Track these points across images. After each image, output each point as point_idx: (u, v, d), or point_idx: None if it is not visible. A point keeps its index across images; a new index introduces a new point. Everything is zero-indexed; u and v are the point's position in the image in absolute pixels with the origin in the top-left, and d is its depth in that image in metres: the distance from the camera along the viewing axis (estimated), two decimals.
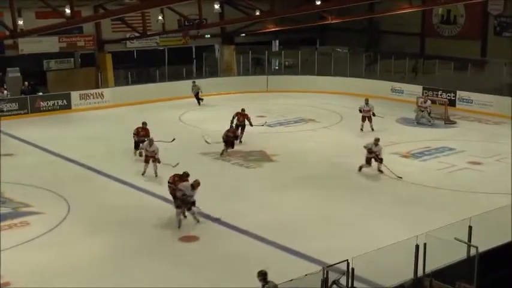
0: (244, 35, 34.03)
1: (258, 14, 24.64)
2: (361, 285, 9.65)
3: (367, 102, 22.91)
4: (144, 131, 19.00)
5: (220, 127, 20.77)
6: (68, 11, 18.88)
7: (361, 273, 9.18)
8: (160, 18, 28.66)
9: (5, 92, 26.94)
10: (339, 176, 17.62)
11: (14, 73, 28.87)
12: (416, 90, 27.81)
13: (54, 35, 28.04)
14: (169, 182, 14.45)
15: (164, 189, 15.12)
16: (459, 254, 9.87)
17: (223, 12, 29.08)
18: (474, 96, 26.87)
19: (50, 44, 28.91)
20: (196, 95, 28.61)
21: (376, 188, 16.61)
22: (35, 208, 14.92)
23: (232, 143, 19.76)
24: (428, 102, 24.80)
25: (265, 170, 18.45)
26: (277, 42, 37.39)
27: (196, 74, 33.26)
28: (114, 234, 13.31)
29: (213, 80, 32.18)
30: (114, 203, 15.34)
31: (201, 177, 17.16)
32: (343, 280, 8.91)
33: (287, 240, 12.83)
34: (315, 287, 8.67)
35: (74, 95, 27.85)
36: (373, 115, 22.75)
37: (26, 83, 27.85)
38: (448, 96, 27.09)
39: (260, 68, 34.25)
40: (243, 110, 21.44)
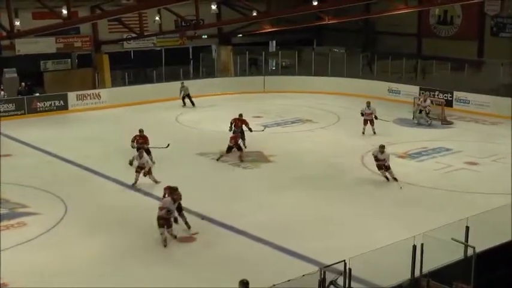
0: (241, 35, 34.06)
1: (254, 14, 24.62)
2: (358, 285, 9.65)
3: (369, 105, 22.23)
4: (142, 139, 18.37)
5: (217, 128, 20.79)
6: (65, 11, 18.92)
7: (358, 273, 9.18)
8: (157, 18, 28.65)
9: (1, 93, 26.94)
10: (336, 177, 17.62)
11: (10, 74, 28.87)
12: (413, 90, 27.85)
13: (51, 35, 28.00)
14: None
15: (161, 189, 15.12)
16: (456, 254, 9.89)
17: (220, 12, 29.13)
18: (471, 96, 26.91)
19: (47, 45, 28.87)
20: (187, 96, 28.27)
21: (373, 189, 16.61)
22: (32, 209, 14.90)
23: (233, 148, 18.98)
24: (428, 101, 24.84)
25: (262, 171, 18.45)
26: (274, 42, 37.45)
27: (193, 74, 33.28)
28: (111, 235, 13.29)
29: (210, 81, 32.21)
30: (111, 203, 15.33)
31: (198, 178, 17.36)
32: (341, 280, 8.91)
33: (284, 240, 12.83)
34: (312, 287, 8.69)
35: (71, 96, 27.83)
36: (375, 118, 22.13)
37: (23, 84, 27.82)
38: (444, 96, 27.12)
39: (256, 68, 34.22)
40: (241, 115, 20.54)
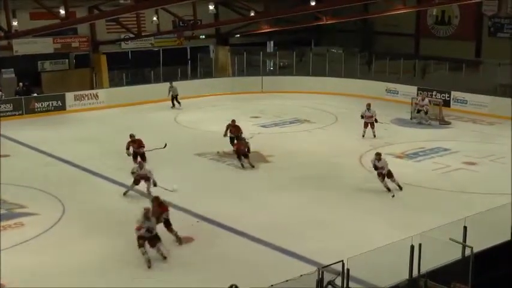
0: (238, 35, 34.04)
1: (252, 14, 24.65)
2: (356, 285, 9.64)
3: (369, 107, 21.65)
4: (135, 143, 17.76)
5: (215, 128, 20.78)
6: (63, 11, 18.87)
7: (356, 273, 9.19)
8: (155, 19, 28.65)
9: None
10: (334, 177, 17.62)
11: (8, 74, 28.83)
12: (411, 91, 27.86)
13: (49, 36, 27.96)
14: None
15: (158, 189, 15.13)
16: (454, 254, 9.90)
17: (217, 13, 29.15)
18: (469, 96, 26.94)
19: (45, 45, 28.81)
20: (175, 97, 27.96)
21: (370, 189, 16.59)
22: (29, 209, 14.89)
23: (243, 153, 18.39)
24: (426, 100, 24.87)
25: (261, 171, 18.45)
26: (272, 43, 37.42)
27: (191, 75, 33.26)
28: (109, 235, 13.28)
29: (207, 81, 32.18)
30: (109, 204, 15.31)
31: (196, 178, 17.37)
32: (338, 281, 8.91)
33: (282, 240, 12.83)
34: None
35: (69, 96, 27.79)
36: (376, 121, 21.62)
37: (21, 84, 27.79)
38: (442, 96, 27.14)
39: (252, 69, 34.11)
40: (234, 121, 19.81)
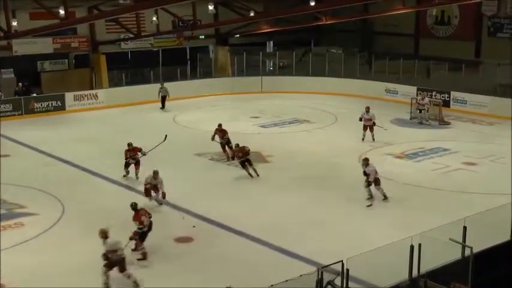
0: (238, 36, 34.04)
1: (252, 14, 24.65)
2: (356, 285, 9.66)
3: (369, 110, 21.24)
4: (132, 151, 17.12)
5: (214, 128, 20.74)
6: (62, 12, 18.87)
7: (356, 273, 9.19)
8: (154, 19, 28.66)
9: None
10: (333, 177, 17.62)
11: (7, 74, 28.84)
12: (411, 91, 27.87)
13: (48, 36, 27.98)
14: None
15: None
16: (454, 254, 9.91)
17: (217, 13, 29.15)
18: (468, 97, 26.94)
19: (44, 45, 28.83)
20: (164, 98, 27.72)
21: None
22: (29, 209, 14.89)
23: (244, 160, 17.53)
24: (426, 99, 24.89)
25: (260, 171, 18.41)
26: (272, 43, 37.44)
27: (191, 75, 33.26)
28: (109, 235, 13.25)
29: (207, 81, 32.18)
30: (108, 204, 15.29)
31: (196, 178, 17.36)
32: (338, 281, 8.92)
33: (282, 240, 12.84)
34: None
35: (68, 96, 27.79)
36: (374, 124, 21.19)
37: (20, 84, 27.79)
38: (442, 97, 27.14)
39: (252, 69, 34.06)
40: (220, 125, 19.42)
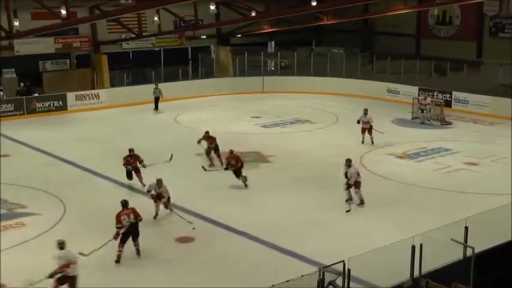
0: (240, 36, 34.05)
1: (253, 14, 24.64)
2: (357, 285, 9.64)
3: (366, 112, 20.84)
4: (133, 158, 16.64)
5: (216, 128, 20.76)
6: (64, 12, 18.92)
7: (357, 274, 9.18)
8: (156, 19, 28.65)
9: (0, 93, 26.94)
10: (334, 177, 17.48)
11: (9, 74, 28.89)
12: (412, 91, 27.86)
13: (50, 36, 27.98)
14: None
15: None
16: (455, 254, 9.89)
17: (218, 13, 29.13)
18: (470, 97, 26.92)
19: (46, 45, 28.82)
20: (157, 99, 27.44)
21: (371, 189, 16.51)
22: (30, 209, 14.89)
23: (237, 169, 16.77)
24: (428, 99, 24.88)
25: (261, 171, 18.44)
26: (273, 43, 37.47)
27: (192, 75, 33.27)
28: (109, 235, 13.21)
29: (209, 81, 32.18)
30: (110, 204, 15.15)
31: (197, 178, 17.32)
32: (339, 281, 8.91)
33: (283, 240, 12.83)
34: None
35: (70, 96, 27.80)
36: (371, 128, 20.80)
37: (22, 84, 27.82)
38: (443, 97, 27.13)
39: (253, 69, 34.03)
40: (207, 132, 18.85)
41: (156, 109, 27.53)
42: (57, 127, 24.52)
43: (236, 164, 16.68)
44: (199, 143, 18.86)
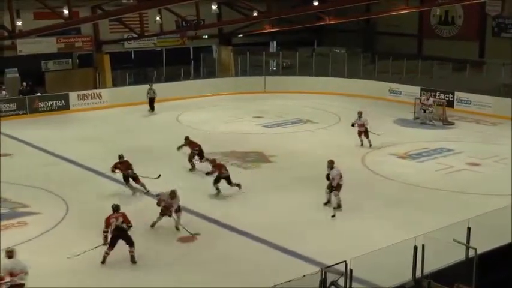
0: (241, 35, 34.05)
1: (255, 14, 24.64)
2: (359, 286, 9.65)
3: (361, 115, 20.61)
4: (123, 165, 16.09)
5: (217, 128, 20.77)
6: (66, 11, 18.94)
7: (359, 274, 9.18)
8: (158, 19, 28.67)
9: (3, 93, 26.99)
10: None
11: (12, 74, 28.89)
12: (414, 91, 27.84)
13: (52, 35, 28.02)
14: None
15: (163, 187, 15.13)
16: (458, 255, 9.88)
17: (220, 13, 29.12)
18: (472, 97, 26.88)
19: (48, 45, 28.86)
20: (152, 100, 27.20)
21: (373, 189, 16.57)
22: (32, 208, 14.90)
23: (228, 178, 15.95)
24: (431, 100, 24.86)
25: (263, 171, 18.44)
26: (275, 43, 37.46)
27: (194, 74, 33.28)
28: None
29: (210, 81, 32.20)
30: (111, 203, 15.22)
31: (198, 178, 17.32)
32: (341, 281, 8.90)
33: (285, 240, 12.82)
34: None
35: (72, 96, 27.86)
36: (366, 130, 20.53)
37: (24, 84, 27.85)
38: (446, 97, 27.09)
39: (255, 69, 33.96)
40: (188, 137, 18.31)
41: (151, 110, 27.24)
42: (59, 126, 24.56)
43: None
44: (179, 149, 18.26)
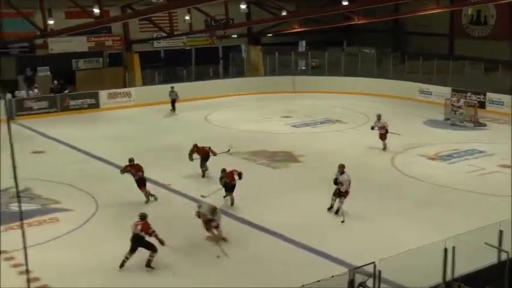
0: (270, 35, 34.05)
1: (284, 14, 24.61)
2: (387, 287, 9.57)
3: (380, 118, 20.40)
4: (133, 168, 15.55)
5: (246, 127, 20.75)
6: (97, 10, 19.13)
7: (388, 275, 9.10)
8: (187, 18, 28.83)
9: (35, 91, 27.44)
10: (365, 178, 17.37)
11: (44, 72, 29.37)
12: (445, 91, 27.52)
13: (83, 34, 28.38)
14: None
15: (191, 187, 15.23)
16: (489, 258, 9.73)
17: (249, 12, 29.13)
18: (505, 98, 26.43)
19: (79, 44, 29.28)
20: (173, 101, 27.28)
21: (402, 190, 16.43)
22: (64, 205, 15.12)
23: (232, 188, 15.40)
24: (462, 101, 24.55)
25: (291, 171, 18.41)
26: (304, 42, 37.37)
27: (223, 74, 33.38)
28: None
29: (239, 80, 32.28)
30: (141, 201, 15.37)
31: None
32: (370, 282, 8.84)
33: (313, 241, 12.77)
34: None
35: (102, 94, 28.19)
36: (387, 132, 20.19)
37: (56, 82, 28.25)
38: (477, 98, 26.70)
39: (284, 68, 33.86)
40: (196, 145, 17.65)
41: (173, 110, 27.34)
42: (89, 124, 24.88)
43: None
44: (190, 158, 17.53)
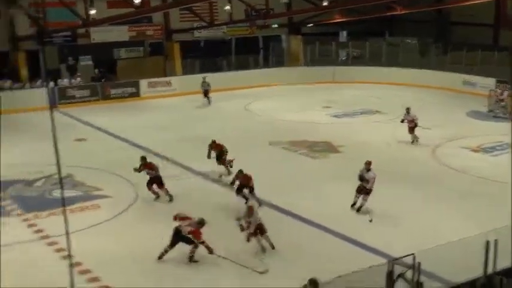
0: (311, 25, 33.85)
1: (325, 4, 24.41)
2: (427, 279, 9.45)
3: (409, 111, 20.12)
4: (147, 166, 15.05)
5: (287, 117, 20.68)
6: (138, 0, 19.31)
7: (427, 267, 8.99)
8: (227, 8, 28.81)
9: (78, 79, 27.94)
10: (405, 169, 17.27)
11: (86, 61, 29.84)
12: (489, 83, 26.94)
13: (124, 24, 28.70)
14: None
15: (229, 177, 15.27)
16: None
17: (290, 2, 29.01)
18: None
19: (120, 33, 29.64)
20: (206, 92, 27.17)
21: (443, 182, 16.18)
22: (105, 192, 15.37)
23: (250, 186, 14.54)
24: (505, 93, 24.06)
25: (331, 161, 18.33)
26: (345, 33, 37.04)
27: (263, 64, 33.36)
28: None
29: (279, 70, 32.23)
30: (180, 189, 15.47)
31: (267, 167, 17.30)
32: (409, 274, 8.75)
33: (351, 231, 12.70)
34: (379, 280, 8.55)
35: (143, 83, 28.51)
36: (415, 126, 19.86)
37: (97, 71, 28.68)
38: None
39: (324, 58, 33.62)
40: (214, 141, 17.09)
41: (207, 100, 27.16)
42: (130, 113, 25.22)
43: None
44: (209, 156, 17.02)
